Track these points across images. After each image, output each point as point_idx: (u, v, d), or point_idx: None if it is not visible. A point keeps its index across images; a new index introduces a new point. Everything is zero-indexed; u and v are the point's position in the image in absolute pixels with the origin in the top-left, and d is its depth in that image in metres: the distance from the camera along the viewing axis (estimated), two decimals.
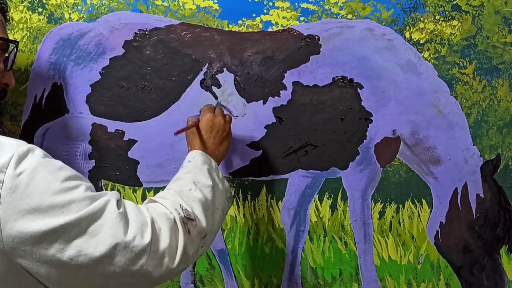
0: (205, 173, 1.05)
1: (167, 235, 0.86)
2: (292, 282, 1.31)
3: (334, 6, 1.25)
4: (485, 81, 1.24)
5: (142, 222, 0.84)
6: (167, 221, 0.88)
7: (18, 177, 0.73)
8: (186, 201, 0.95)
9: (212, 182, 1.04)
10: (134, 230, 0.82)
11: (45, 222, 0.73)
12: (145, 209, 0.88)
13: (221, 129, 1.15)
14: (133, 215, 0.84)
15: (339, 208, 1.29)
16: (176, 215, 0.91)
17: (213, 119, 1.15)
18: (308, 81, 1.25)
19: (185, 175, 1.04)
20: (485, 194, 1.24)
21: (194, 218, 0.93)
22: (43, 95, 1.34)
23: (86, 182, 0.82)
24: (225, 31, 1.28)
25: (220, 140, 1.15)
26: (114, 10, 1.31)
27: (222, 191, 1.07)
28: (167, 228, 0.87)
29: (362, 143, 1.26)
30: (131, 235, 0.81)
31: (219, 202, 1.04)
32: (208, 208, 0.99)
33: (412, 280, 1.29)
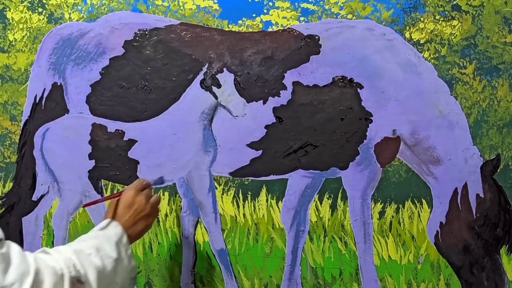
0: (112, 244, 1.00)
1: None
2: (292, 282, 1.31)
3: (334, 6, 1.25)
4: (485, 81, 1.24)
5: (24, 271, 0.81)
6: (53, 276, 0.84)
7: None
8: (82, 263, 0.91)
9: (117, 255, 0.99)
10: (13, 276, 0.78)
11: None
12: (31, 258, 0.84)
13: (140, 209, 1.11)
14: (17, 260, 0.81)
15: (339, 208, 1.29)
16: (66, 273, 0.87)
17: (134, 196, 1.11)
18: (308, 81, 1.25)
19: (90, 240, 1.00)
20: (485, 194, 1.24)
21: (85, 282, 0.89)
22: (43, 95, 1.34)
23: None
24: (225, 31, 1.28)
25: (136, 220, 1.10)
26: (114, 10, 1.31)
27: (126, 268, 1.02)
28: (51, 283, 0.83)
29: (362, 143, 1.26)
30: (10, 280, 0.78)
31: (120, 277, 1.00)
32: (105, 279, 0.94)
33: (412, 280, 1.29)
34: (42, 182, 1.36)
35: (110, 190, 1.35)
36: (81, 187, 1.35)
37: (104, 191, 1.35)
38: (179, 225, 1.34)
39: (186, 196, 1.32)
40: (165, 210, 1.34)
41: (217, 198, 1.32)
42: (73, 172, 1.35)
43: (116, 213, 1.08)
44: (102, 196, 1.35)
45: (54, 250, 0.92)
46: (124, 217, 1.08)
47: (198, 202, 1.32)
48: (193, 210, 1.33)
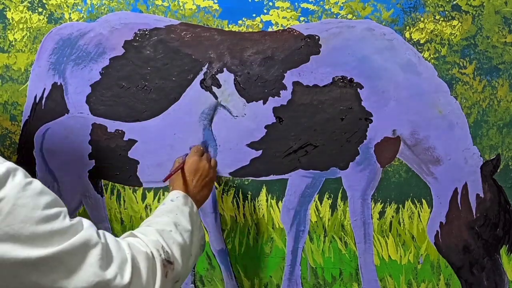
0: (186, 216, 1.03)
1: (145, 276, 0.84)
2: (292, 282, 1.31)
3: (334, 6, 1.25)
4: (485, 81, 1.24)
5: (122, 260, 0.81)
6: (147, 261, 0.85)
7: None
8: (167, 242, 0.93)
9: (191, 227, 1.02)
10: (115, 268, 0.79)
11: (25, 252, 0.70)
12: (125, 245, 0.85)
13: (205, 174, 1.15)
14: (115, 250, 0.81)
15: (339, 208, 1.29)
16: (157, 256, 0.88)
17: (198, 162, 1.15)
18: (308, 81, 1.25)
19: (166, 214, 1.02)
20: (485, 194, 1.24)
21: (173, 261, 0.91)
22: (43, 95, 1.34)
23: (62, 206, 0.78)
24: (225, 31, 1.28)
25: (202, 185, 1.14)
26: (114, 10, 1.31)
27: (198, 238, 1.05)
28: (146, 268, 0.84)
29: (362, 143, 1.26)
30: (112, 273, 0.78)
31: (194, 249, 1.02)
32: (185, 253, 0.97)
33: (412, 280, 1.29)
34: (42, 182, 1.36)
35: (110, 190, 1.35)
36: (81, 187, 1.35)
37: (104, 191, 1.35)
38: None
39: None
40: None
41: (217, 198, 1.32)
42: (73, 172, 1.35)
43: (184, 182, 1.12)
44: (102, 196, 1.35)
45: (140, 233, 0.93)
46: (191, 184, 1.12)
47: None
48: None
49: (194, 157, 1.17)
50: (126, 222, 1.36)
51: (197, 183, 1.14)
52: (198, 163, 1.16)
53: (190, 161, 1.16)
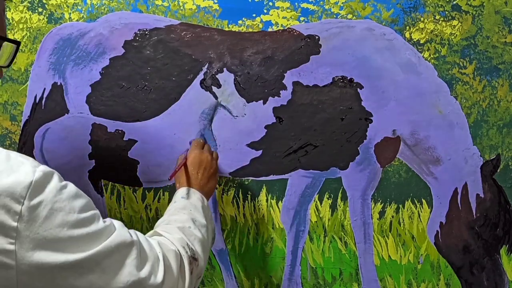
0: (200, 212, 1.04)
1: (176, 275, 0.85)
2: (292, 282, 1.31)
3: (334, 6, 1.25)
4: (485, 81, 1.24)
5: (155, 259, 0.82)
6: (176, 259, 0.87)
7: (36, 210, 0.69)
8: (189, 239, 0.94)
9: (205, 221, 1.03)
10: (148, 267, 0.80)
11: (62, 256, 0.70)
12: (156, 244, 0.86)
13: (209, 166, 1.16)
14: (147, 250, 0.82)
15: (339, 208, 1.29)
16: (184, 254, 0.90)
17: (200, 155, 1.16)
18: (308, 81, 1.25)
19: (181, 211, 1.02)
20: (485, 194, 1.24)
21: (197, 258, 0.93)
22: (43, 95, 1.34)
23: (95, 209, 0.79)
24: (225, 31, 1.28)
25: (208, 177, 1.15)
26: (114, 10, 1.31)
27: (210, 231, 1.06)
28: (176, 267, 0.86)
29: (362, 143, 1.26)
30: (146, 272, 0.79)
31: (209, 242, 1.04)
32: (205, 248, 0.98)
33: (412, 280, 1.29)
34: None
35: (110, 190, 1.35)
36: (81, 187, 1.34)
37: (104, 191, 1.35)
38: None
39: None
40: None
41: (217, 198, 1.32)
42: (73, 172, 1.34)
43: (189, 177, 1.12)
44: (102, 196, 1.35)
45: (164, 231, 0.94)
46: (197, 178, 1.12)
47: None
48: None
49: (195, 151, 1.17)
50: (126, 222, 1.36)
51: (203, 176, 1.14)
52: (200, 156, 1.16)
53: (192, 155, 1.16)
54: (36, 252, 0.68)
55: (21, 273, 0.68)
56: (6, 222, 0.66)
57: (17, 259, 0.67)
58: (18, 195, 0.67)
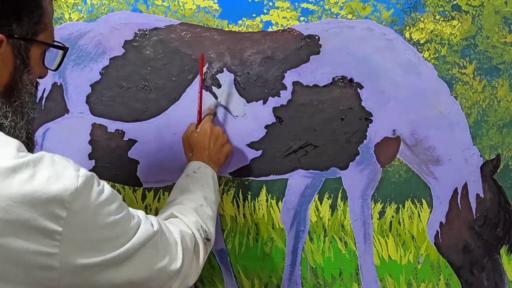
0: (211, 188, 1.08)
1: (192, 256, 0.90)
2: (292, 282, 1.31)
3: (334, 6, 1.25)
4: (485, 81, 1.24)
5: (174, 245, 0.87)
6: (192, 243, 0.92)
7: (79, 214, 0.72)
8: (203, 220, 0.98)
9: (215, 197, 1.08)
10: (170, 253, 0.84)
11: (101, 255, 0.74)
12: (174, 230, 0.90)
13: (221, 136, 1.19)
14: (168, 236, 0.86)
15: (339, 208, 1.29)
16: (199, 237, 0.94)
17: (212, 127, 1.19)
18: (308, 81, 1.25)
19: (194, 187, 1.06)
20: (485, 194, 1.24)
21: (210, 238, 0.98)
22: (43, 95, 1.34)
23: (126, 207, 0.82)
24: (225, 31, 1.28)
25: (220, 146, 1.19)
26: (114, 10, 1.31)
27: (218, 204, 1.11)
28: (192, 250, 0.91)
29: (362, 143, 1.26)
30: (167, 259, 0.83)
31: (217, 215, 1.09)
32: (215, 224, 1.03)
33: (412, 280, 1.29)
34: None
35: None
36: None
37: None
38: None
39: None
40: None
41: None
42: None
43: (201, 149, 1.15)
44: None
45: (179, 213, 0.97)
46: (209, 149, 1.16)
47: None
48: None
49: (208, 123, 1.20)
50: None
51: (215, 147, 1.17)
52: (212, 128, 1.19)
53: (204, 127, 1.18)
54: (79, 253, 0.72)
55: (64, 274, 0.71)
56: (52, 227, 0.69)
57: (61, 261, 0.70)
58: (65, 201, 0.70)
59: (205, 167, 1.13)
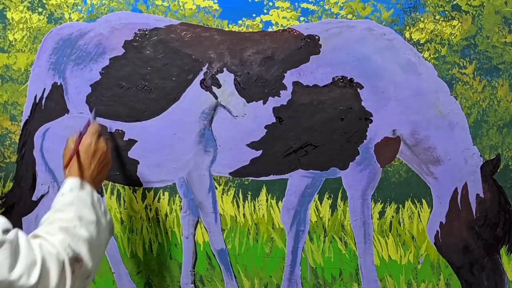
0: (89, 207, 1.00)
1: (56, 277, 0.84)
2: (292, 282, 1.31)
3: (334, 6, 1.25)
4: (485, 81, 1.24)
5: (32, 261, 0.82)
6: (57, 262, 0.86)
7: None
8: (73, 240, 0.92)
9: (96, 217, 1.00)
10: (21, 269, 0.79)
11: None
12: (37, 247, 0.85)
13: (103, 157, 1.10)
14: (24, 251, 0.82)
15: (339, 208, 1.29)
16: (65, 256, 0.88)
17: (96, 144, 1.10)
18: (308, 81, 1.25)
19: (68, 207, 0.99)
20: (485, 194, 1.24)
21: (81, 258, 0.91)
22: (43, 95, 1.34)
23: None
24: (225, 31, 1.28)
25: (100, 168, 1.10)
26: (114, 10, 1.31)
27: (105, 226, 1.03)
28: (56, 270, 0.85)
29: (362, 143, 1.26)
30: (17, 274, 0.79)
31: (103, 238, 1.01)
32: (93, 247, 0.96)
33: (412, 280, 1.29)
34: (42, 182, 1.36)
35: (110, 190, 1.35)
36: None
37: (104, 191, 1.35)
38: (179, 225, 1.34)
39: (186, 196, 1.32)
40: (165, 210, 1.34)
41: (217, 198, 1.32)
42: None
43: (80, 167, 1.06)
44: (102, 196, 1.35)
45: (46, 232, 0.92)
46: (89, 168, 1.07)
47: (198, 202, 1.32)
48: (193, 210, 1.33)
49: (90, 139, 1.10)
50: (126, 222, 1.36)
51: (95, 166, 1.08)
52: (96, 144, 1.10)
53: (87, 143, 1.09)
54: None
55: None
56: None
57: None
58: None
59: (83, 186, 1.03)
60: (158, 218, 1.34)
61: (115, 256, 1.36)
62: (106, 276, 1.37)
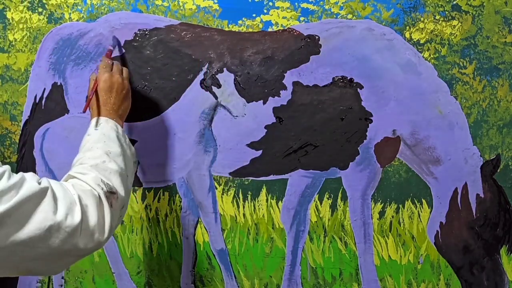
0: (114, 141, 1.06)
1: (95, 212, 0.88)
2: (292, 282, 1.31)
3: (334, 6, 1.25)
4: (485, 81, 1.24)
5: (71, 201, 0.86)
6: (93, 198, 0.90)
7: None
8: (104, 174, 0.97)
9: (121, 149, 1.05)
10: (64, 209, 0.83)
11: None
12: (71, 187, 0.89)
13: (120, 88, 1.14)
14: (61, 194, 0.86)
15: (339, 208, 1.29)
16: (100, 191, 0.93)
17: (111, 78, 1.13)
18: (308, 81, 1.25)
19: (95, 145, 1.04)
20: (485, 194, 1.24)
21: (115, 191, 0.96)
22: (43, 95, 1.34)
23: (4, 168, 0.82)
24: (225, 31, 1.28)
25: (121, 99, 1.14)
26: (114, 10, 1.31)
27: (130, 157, 1.08)
28: (94, 205, 0.89)
29: (362, 143, 1.26)
30: (62, 215, 0.83)
31: (129, 169, 1.06)
32: (123, 177, 1.01)
33: (412, 280, 1.29)
34: None
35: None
36: None
37: None
38: (179, 225, 1.34)
39: (186, 196, 1.32)
40: (165, 210, 1.34)
41: (217, 198, 1.32)
42: None
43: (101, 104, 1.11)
44: None
45: (78, 173, 0.96)
46: (109, 102, 1.12)
47: (198, 202, 1.32)
48: (193, 210, 1.33)
49: (105, 74, 1.14)
50: (126, 222, 1.36)
51: (116, 99, 1.13)
52: (111, 78, 1.13)
53: (102, 79, 1.13)
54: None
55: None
56: None
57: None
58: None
59: (106, 122, 1.09)
60: (158, 218, 1.34)
61: (115, 256, 1.36)
62: (106, 276, 1.37)
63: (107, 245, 1.35)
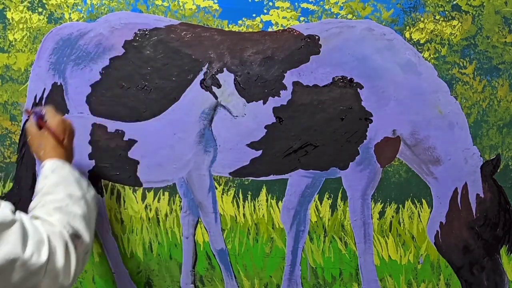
0: (74, 185, 1.03)
1: (62, 254, 0.87)
2: (292, 282, 1.31)
3: (334, 6, 1.25)
4: (485, 81, 1.24)
5: (39, 239, 0.84)
6: (61, 240, 0.89)
7: None
8: (69, 218, 0.95)
9: (81, 191, 1.03)
10: (31, 246, 0.82)
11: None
12: (40, 225, 0.88)
13: (72, 130, 1.14)
14: (31, 230, 0.84)
15: (339, 208, 1.29)
16: (65, 233, 0.91)
17: (64, 120, 1.12)
18: (308, 81, 1.25)
19: (55, 189, 1.01)
20: (485, 194, 1.24)
21: (80, 235, 0.94)
22: (43, 95, 1.34)
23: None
24: (225, 31, 1.28)
25: (70, 139, 1.13)
26: (114, 10, 1.31)
27: (91, 201, 1.05)
28: (62, 247, 0.88)
29: (362, 143, 1.26)
30: (28, 252, 0.81)
31: (91, 212, 1.03)
32: (87, 221, 0.99)
33: (412, 280, 1.29)
34: None
35: (110, 190, 1.35)
36: None
37: (104, 191, 1.35)
38: (179, 225, 1.34)
39: (186, 196, 1.32)
40: (165, 210, 1.34)
41: (217, 198, 1.32)
42: None
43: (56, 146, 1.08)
44: (102, 196, 1.34)
45: (42, 213, 0.94)
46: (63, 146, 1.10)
47: (198, 202, 1.32)
48: (193, 210, 1.33)
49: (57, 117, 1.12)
50: (126, 222, 1.36)
51: (68, 141, 1.12)
52: (64, 121, 1.12)
53: (56, 121, 1.10)
54: None
55: None
56: None
57: None
58: None
59: (63, 164, 1.06)
60: (158, 218, 1.34)
61: (115, 256, 1.36)
62: (106, 276, 1.37)
63: (107, 245, 1.36)
